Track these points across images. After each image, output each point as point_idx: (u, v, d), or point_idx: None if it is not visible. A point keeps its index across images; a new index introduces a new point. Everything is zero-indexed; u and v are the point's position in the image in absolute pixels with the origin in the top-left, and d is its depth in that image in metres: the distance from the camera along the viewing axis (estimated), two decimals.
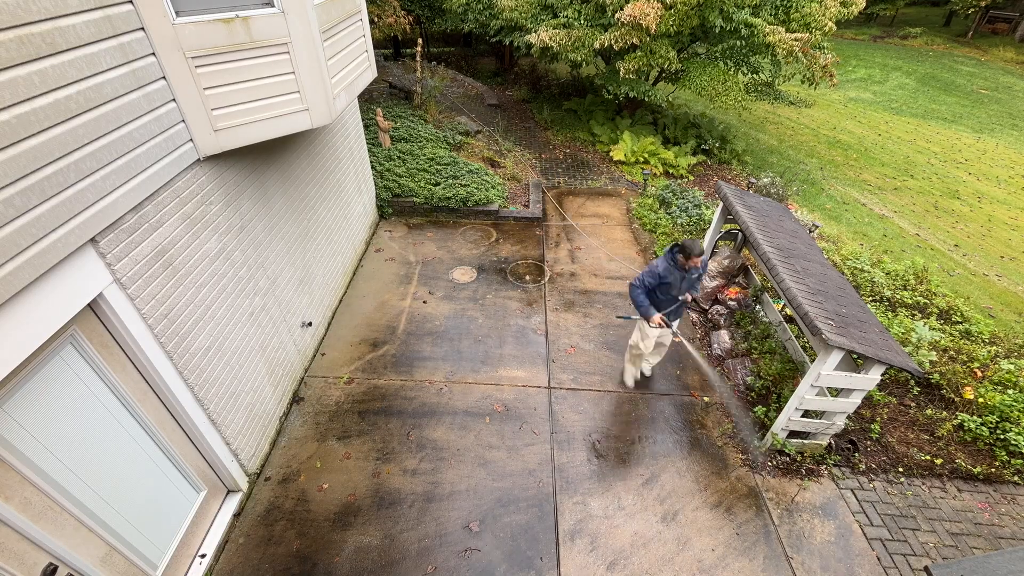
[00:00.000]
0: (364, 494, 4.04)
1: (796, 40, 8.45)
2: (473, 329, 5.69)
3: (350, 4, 4.35)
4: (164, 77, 2.87)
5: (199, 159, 3.22)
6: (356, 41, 4.56)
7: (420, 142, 8.80)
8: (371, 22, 9.44)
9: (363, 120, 7.19)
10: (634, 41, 8.15)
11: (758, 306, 5.80)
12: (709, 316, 5.96)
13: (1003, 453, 4.51)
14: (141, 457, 3.07)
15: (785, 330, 5.14)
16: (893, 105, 17.37)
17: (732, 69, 9.65)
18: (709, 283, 6.01)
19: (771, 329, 5.43)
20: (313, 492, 4.04)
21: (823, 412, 4.25)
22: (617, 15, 7.91)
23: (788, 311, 5.53)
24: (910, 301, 6.21)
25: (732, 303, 5.81)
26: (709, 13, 8.36)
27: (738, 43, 9.11)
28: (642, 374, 5.17)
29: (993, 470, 4.44)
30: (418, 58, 10.09)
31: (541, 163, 10.04)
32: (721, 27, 8.74)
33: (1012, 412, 4.63)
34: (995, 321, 6.77)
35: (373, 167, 7.63)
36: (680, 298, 4.33)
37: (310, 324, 5.06)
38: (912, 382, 5.16)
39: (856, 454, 4.50)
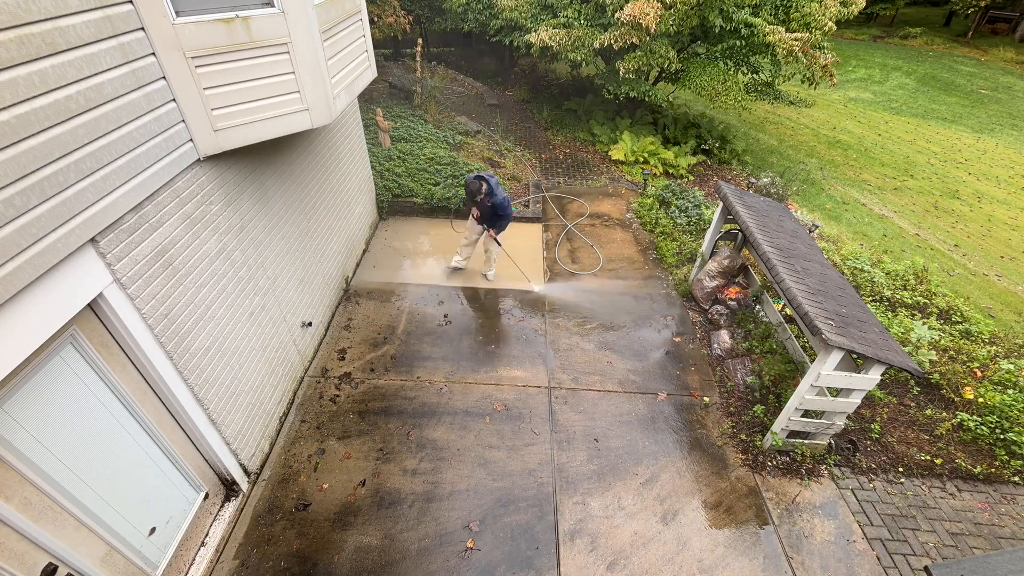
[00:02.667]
0: (364, 494, 4.04)
1: (796, 40, 8.44)
2: (473, 329, 5.69)
3: (350, 4, 4.35)
4: (164, 77, 2.87)
5: (199, 159, 3.22)
6: (356, 41, 4.56)
7: (420, 142, 8.80)
8: (371, 22, 9.43)
9: (363, 120, 7.18)
10: (634, 41, 8.15)
11: (758, 306, 5.80)
12: (709, 316, 5.96)
13: (1003, 453, 4.52)
14: (141, 457, 3.07)
15: (785, 330, 5.14)
16: (893, 105, 17.36)
17: (732, 69, 9.65)
18: (709, 283, 6.01)
19: (771, 329, 5.43)
20: (313, 492, 4.04)
21: (823, 412, 4.25)
22: (617, 15, 7.91)
23: (788, 311, 5.53)
24: (910, 301, 6.21)
25: (732, 303, 5.81)
26: (709, 13, 8.36)
27: (738, 43, 9.11)
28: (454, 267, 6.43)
29: (993, 470, 4.44)
30: (418, 58, 10.09)
31: (541, 163, 10.04)
32: (721, 27, 8.74)
33: (1012, 412, 4.63)
34: (995, 321, 6.77)
35: (373, 167, 7.63)
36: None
37: (310, 324, 5.07)
38: (912, 382, 5.16)
39: (856, 454, 4.50)
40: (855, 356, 4.18)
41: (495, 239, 6.00)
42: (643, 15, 7.54)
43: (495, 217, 5.74)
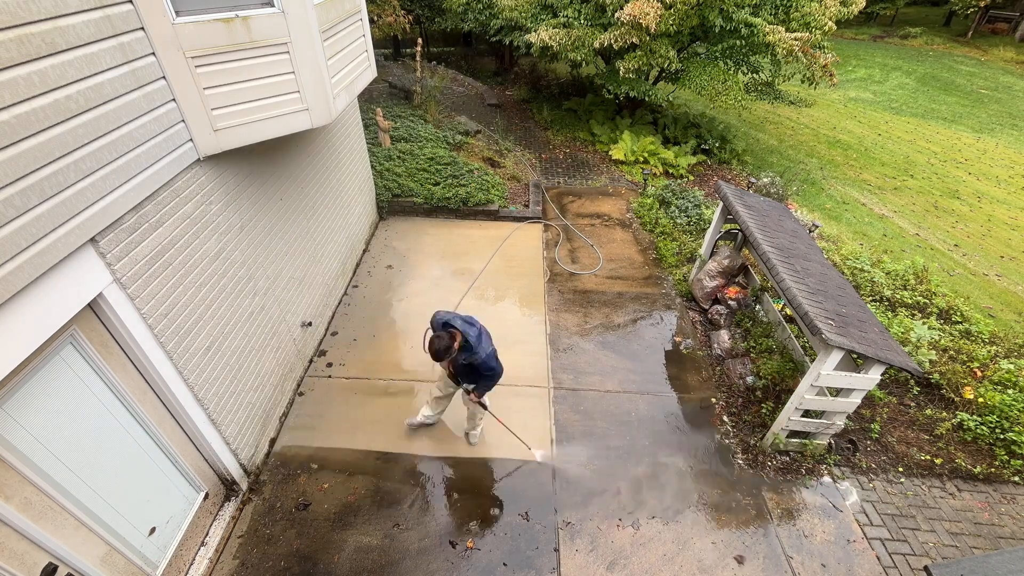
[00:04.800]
0: (364, 494, 4.04)
1: (796, 39, 8.44)
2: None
3: (350, 4, 4.35)
4: (164, 77, 2.87)
5: (199, 159, 3.22)
6: (356, 41, 4.55)
7: (420, 142, 8.80)
8: (371, 22, 9.43)
9: (363, 120, 7.18)
10: (634, 40, 8.15)
11: (758, 306, 5.80)
12: (709, 316, 5.96)
13: (1003, 453, 4.52)
14: (141, 457, 3.07)
15: (785, 330, 5.14)
16: (893, 105, 17.35)
17: (732, 69, 9.65)
18: (709, 283, 6.01)
19: (771, 329, 5.43)
20: (313, 492, 4.04)
21: (823, 412, 4.25)
22: (617, 14, 7.91)
23: (788, 311, 5.53)
24: (910, 301, 6.21)
25: (732, 303, 5.81)
26: (709, 12, 8.35)
27: (738, 43, 9.10)
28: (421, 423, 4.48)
29: (993, 470, 4.44)
30: (418, 58, 10.09)
31: (541, 163, 10.04)
32: (721, 26, 8.73)
33: (1012, 412, 4.63)
34: (995, 321, 6.76)
35: (373, 167, 7.63)
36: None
37: (310, 324, 5.06)
38: (912, 382, 5.16)
39: (856, 454, 4.50)
40: (855, 356, 4.18)
41: (480, 403, 4.08)
42: (643, 15, 7.54)
43: (476, 375, 3.82)
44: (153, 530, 3.17)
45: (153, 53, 2.77)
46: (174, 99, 2.96)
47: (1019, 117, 16.34)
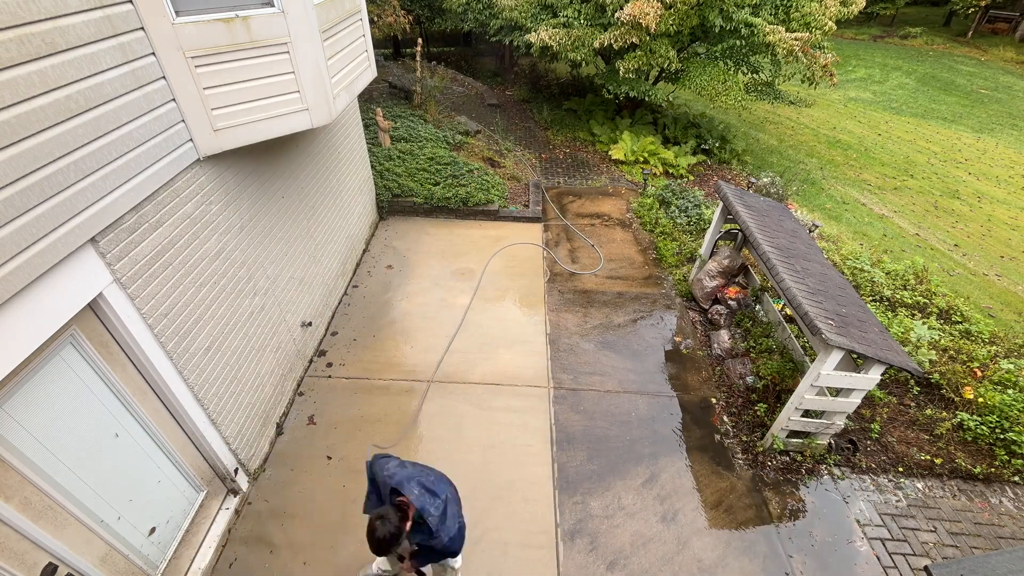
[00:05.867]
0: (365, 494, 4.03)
1: (796, 40, 8.44)
2: (473, 329, 5.69)
3: (350, 4, 4.35)
4: (164, 77, 2.87)
5: (199, 159, 3.22)
6: (356, 41, 4.56)
7: (420, 142, 8.80)
8: (371, 22, 9.43)
9: (363, 120, 7.18)
10: (634, 40, 8.15)
11: (758, 306, 5.80)
12: (709, 316, 5.96)
13: (1003, 453, 4.52)
14: (141, 457, 3.07)
15: (785, 330, 5.14)
16: (893, 105, 17.35)
17: (732, 69, 9.65)
18: (709, 283, 6.01)
19: (771, 329, 5.43)
20: (314, 493, 4.04)
21: (823, 412, 4.25)
22: (617, 14, 7.91)
23: (788, 311, 5.53)
24: (910, 301, 6.21)
25: (732, 303, 5.81)
26: (709, 12, 8.36)
27: (738, 43, 9.10)
28: None
29: (993, 470, 4.44)
30: (418, 58, 10.09)
31: (541, 163, 10.04)
32: (721, 27, 8.73)
33: (1012, 412, 4.63)
34: (995, 321, 6.77)
35: (373, 167, 7.63)
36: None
37: (310, 324, 5.06)
38: (912, 382, 5.16)
39: (856, 454, 4.50)
40: (855, 356, 4.18)
41: (417, 572, 2.94)
42: (643, 15, 7.54)
43: (434, 555, 2.82)
44: (153, 530, 3.17)
45: (153, 53, 2.77)
46: (174, 99, 2.96)
47: (1019, 117, 16.34)
